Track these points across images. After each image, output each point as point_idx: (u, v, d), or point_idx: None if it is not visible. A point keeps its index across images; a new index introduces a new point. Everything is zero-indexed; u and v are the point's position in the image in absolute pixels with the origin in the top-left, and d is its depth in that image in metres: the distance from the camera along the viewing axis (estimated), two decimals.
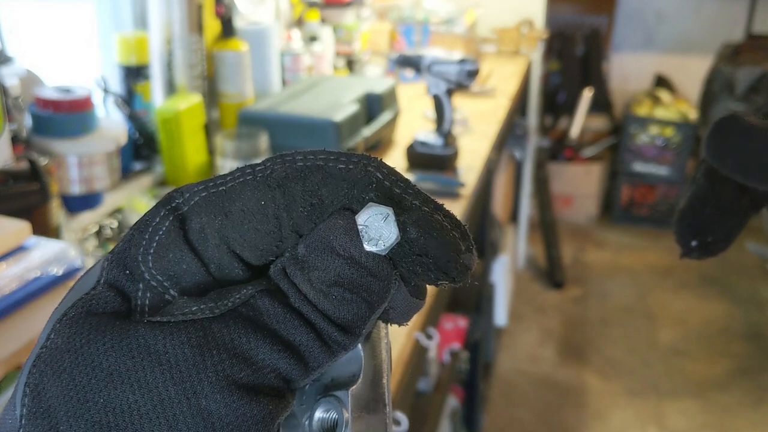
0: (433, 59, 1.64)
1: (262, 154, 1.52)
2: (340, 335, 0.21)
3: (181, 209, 0.22)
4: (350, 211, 0.22)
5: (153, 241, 0.21)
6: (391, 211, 0.21)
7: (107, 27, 1.55)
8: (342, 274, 0.21)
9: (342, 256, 0.21)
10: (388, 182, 0.23)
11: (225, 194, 0.22)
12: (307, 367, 0.21)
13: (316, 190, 0.22)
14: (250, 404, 0.20)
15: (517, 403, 2.62)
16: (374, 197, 0.22)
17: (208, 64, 1.67)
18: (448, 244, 0.21)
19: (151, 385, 0.19)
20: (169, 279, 0.21)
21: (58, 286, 0.84)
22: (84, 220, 1.28)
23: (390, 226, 0.21)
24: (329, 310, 0.21)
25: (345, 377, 0.23)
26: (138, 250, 0.21)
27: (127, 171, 1.44)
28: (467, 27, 2.74)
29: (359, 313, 0.21)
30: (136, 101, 1.49)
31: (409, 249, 0.21)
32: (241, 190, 0.22)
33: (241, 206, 0.21)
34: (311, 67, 2.08)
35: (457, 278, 0.22)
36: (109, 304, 0.21)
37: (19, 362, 0.80)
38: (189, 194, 0.22)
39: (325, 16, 2.31)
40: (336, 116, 1.55)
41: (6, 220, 0.87)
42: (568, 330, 3.08)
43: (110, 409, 0.19)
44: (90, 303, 0.21)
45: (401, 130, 1.91)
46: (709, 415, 2.56)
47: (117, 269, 0.21)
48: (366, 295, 0.21)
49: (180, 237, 0.21)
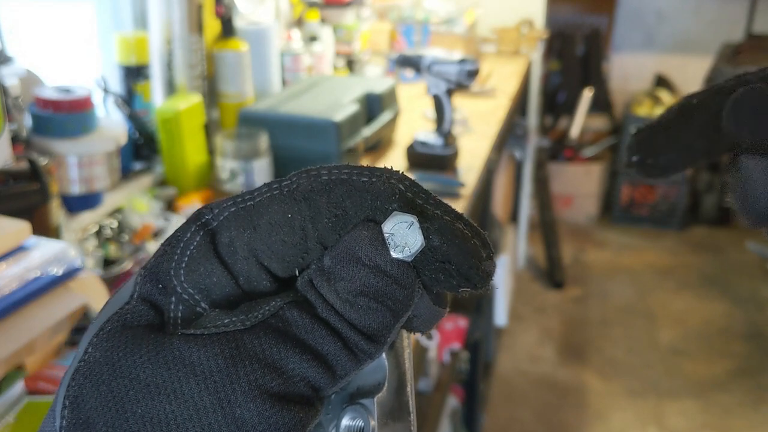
0: (433, 59, 1.64)
1: (262, 154, 1.52)
2: (367, 344, 0.22)
3: (211, 224, 0.22)
4: (374, 222, 0.22)
5: (185, 255, 0.22)
6: (416, 218, 0.22)
7: (107, 27, 1.55)
8: (368, 284, 0.22)
9: (368, 266, 0.22)
10: (410, 193, 0.23)
11: (253, 209, 0.22)
12: (334, 376, 0.22)
13: (340, 202, 0.22)
14: (282, 412, 0.20)
15: (517, 403, 2.62)
16: (397, 207, 0.22)
17: (208, 64, 1.67)
18: (469, 252, 0.22)
19: (187, 396, 0.20)
20: (200, 292, 0.22)
21: (58, 286, 0.84)
22: (84, 220, 1.28)
23: (415, 233, 0.22)
24: (356, 319, 0.22)
25: (370, 385, 0.24)
26: (170, 264, 0.22)
27: (127, 171, 1.44)
28: (467, 27, 2.74)
29: (384, 322, 0.22)
30: (136, 101, 1.49)
31: (432, 256, 0.22)
32: (268, 204, 0.22)
33: (269, 219, 0.22)
34: (311, 67, 2.08)
35: (479, 285, 0.22)
36: (143, 318, 0.22)
37: (19, 362, 0.80)
38: (218, 210, 0.23)
39: (325, 16, 2.31)
40: (336, 116, 1.55)
41: (6, 220, 0.87)
42: (568, 330, 3.08)
43: (147, 420, 0.20)
44: (125, 317, 0.22)
45: (401, 130, 1.91)
46: (709, 415, 2.56)
47: (150, 284, 0.22)
48: (391, 304, 0.22)
49: (210, 251, 0.22)
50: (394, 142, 1.88)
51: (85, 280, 0.87)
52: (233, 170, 1.51)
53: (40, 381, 0.87)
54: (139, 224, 1.28)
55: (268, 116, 1.58)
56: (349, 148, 1.57)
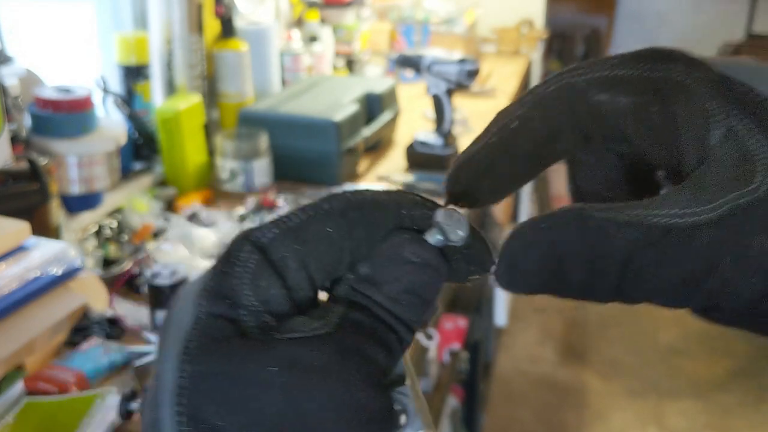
0: (433, 59, 1.64)
1: (262, 154, 1.52)
2: (408, 335, 0.25)
3: (261, 242, 0.24)
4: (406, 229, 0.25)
5: (246, 271, 0.24)
6: (457, 210, 0.25)
7: (107, 27, 1.55)
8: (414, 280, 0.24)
9: (416, 263, 0.24)
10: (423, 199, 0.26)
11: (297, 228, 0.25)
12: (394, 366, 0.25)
13: (371, 214, 0.25)
14: (385, 396, 0.23)
15: (517, 403, 2.62)
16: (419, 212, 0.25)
17: (208, 64, 1.67)
18: (484, 240, 0.26)
19: (315, 389, 0.22)
20: (263, 304, 0.24)
21: (58, 286, 0.84)
22: (84, 220, 1.28)
23: (463, 223, 0.25)
24: (402, 314, 0.24)
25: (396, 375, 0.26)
26: (234, 281, 0.24)
27: (127, 171, 1.44)
28: (467, 27, 2.74)
29: (421, 312, 0.25)
30: (136, 101, 1.49)
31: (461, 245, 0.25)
32: (309, 223, 0.25)
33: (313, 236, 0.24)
34: (311, 67, 2.08)
35: (489, 269, 0.26)
36: (225, 331, 0.23)
37: (18, 362, 0.80)
38: (265, 230, 0.24)
39: (325, 16, 2.31)
40: (336, 116, 1.55)
41: (6, 220, 0.87)
42: (568, 330, 3.08)
43: (285, 418, 0.21)
44: (208, 333, 0.23)
45: (401, 130, 1.91)
46: (710, 415, 2.56)
47: (218, 301, 0.23)
48: (428, 295, 0.25)
49: (268, 266, 0.24)
50: (394, 142, 1.88)
51: (85, 280, 0.87)
52: (233, 170, 1.51)
53: (39, 381, 0.87)
54: (139, 224, 1.28)
55: (268, 116, 1.58)
56: (348, 148, 1.57)
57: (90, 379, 0.89)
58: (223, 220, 1.30)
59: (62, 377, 0.87)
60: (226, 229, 1.26)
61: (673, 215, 0.22)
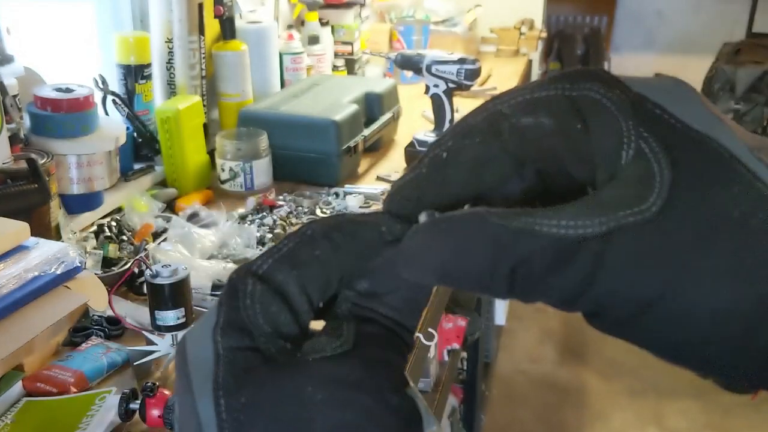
0: (433, 59, 1.64)
1: (262, 154, 1.52)
2: (411, 338, 0.27)
3: (260, 272, 0.25)
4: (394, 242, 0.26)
5: (255, 302, 0.25)
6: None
7: (107, 27, 1.55)
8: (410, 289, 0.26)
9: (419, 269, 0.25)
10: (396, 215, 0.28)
11: (289, 254, 0.26)
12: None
13: (352, 233, 0.26)
14: (409, 398, 0.25)
15: (517, 403, 2.62)
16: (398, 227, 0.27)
17: (208, 64, 1.67)
18: None
19: (353, 401, 0.23)
20: (276, 330, 0.25)
21: (58, 286, 0.84)
22: (84, 220, 1.28)
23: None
24: (404, 321, 0.27)
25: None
26: (246, 311, 0.25)
27: (127, 171, 1.44)
28: (467, 27, 2.74)
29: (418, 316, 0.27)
30: (136, 101, 1.49)
31: None
32: (299, 248, 0.26)
33: (304, 258, 0.26)
34: (311, 67, 2.08)
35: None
36: (251, 361, 0.24)
37: (18, 362, 0.80)
38: (261, 261, 0.26)
39: (325, 16, 2.31)
40: (336, 116, 1.55)
41: (6, 220, 0.87)
42: (568, 330, 3.08)
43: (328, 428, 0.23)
44: (235, 365, 0.24)
45: (401, 130, 1.91)
46: (710, 415, 2.56)
47: (235, 333, 0.24)
48: (423, 300, 0.27)
49: (272, 293, 0.25)
50: (394, 142, 1.88)
51: (85, 280, 0.87)
52: (233, 170, 1.51)
53: (38, 382, 0.87)
54: (139, 224, 1.28)
55: (268, 116, 1.58)
56: (348, 147, 1.57)
57: (90, 379, 0.89)
58: (223, 220, 1.30)
59: (62, 377, 0.87)
60: (226, 229, 1.26)
61: (562, 226, 0.23)
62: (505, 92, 0.26)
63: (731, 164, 0.23)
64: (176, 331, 0.93)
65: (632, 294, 0.23)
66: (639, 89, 0.24)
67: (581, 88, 0.25)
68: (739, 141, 0.24)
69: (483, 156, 0.26)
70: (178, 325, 0.92)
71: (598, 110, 0.24)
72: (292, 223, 1.38)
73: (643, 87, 0.25)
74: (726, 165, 0.23)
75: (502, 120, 0.26)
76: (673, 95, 0.25)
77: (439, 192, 0.27)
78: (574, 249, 0.23)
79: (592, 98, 0.24)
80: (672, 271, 0.23)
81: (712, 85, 3.80)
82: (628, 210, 0.23)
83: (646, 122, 0.24)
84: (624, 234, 0.22)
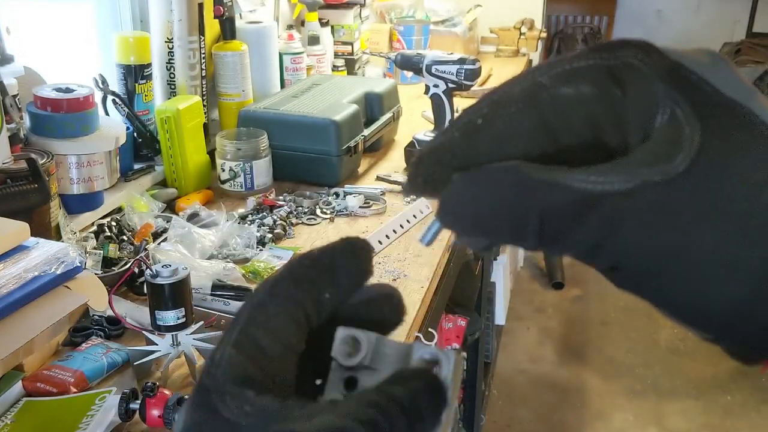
0: (433, 59, 1.64)
1: (262, 154, 1.52)
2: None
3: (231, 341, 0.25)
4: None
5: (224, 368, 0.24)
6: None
7: (107, 27, 1.55)
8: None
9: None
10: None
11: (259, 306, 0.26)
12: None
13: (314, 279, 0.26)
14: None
15: (517, 403, 2.62)
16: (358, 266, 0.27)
17: (208, 64, 1.67)
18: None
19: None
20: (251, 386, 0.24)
21: (58, 286, 0.84)
22: (84, 220, 1.28)
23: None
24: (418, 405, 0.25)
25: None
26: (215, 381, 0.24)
27: (127, 171, 1.44)
28: (467, 27, 2.74)
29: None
30: (136, 101, 1.49)
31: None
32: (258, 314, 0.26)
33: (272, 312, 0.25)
34: (311, 67, 2.08)
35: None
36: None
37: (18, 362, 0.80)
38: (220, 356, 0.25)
39: (325, 16, 2.31)
40: (336, 116, 1.55)
41: (6, 220, 0.87)
42: (567, 330, 3.08)
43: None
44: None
45: (401, 130, 1.91)
46: (710, 415, 2.56)
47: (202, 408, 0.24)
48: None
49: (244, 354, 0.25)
50: (394, 142, 1.88)
51: (85, 280, 0.87)
52: (233, 170, 1.51)
53: (38, 382, 0.87)
54: (139, 224, 1.28)
55: (268, 116, 1.58)
56: (348, 147, 1.57)
57: (90, 379, 0.89)
58: (223, 220, 1.30)
59: (62, 377, 0.87)
60: (226, 229, 1.26)
61: (590, 182, 0.24)
62: (543, 63, 0.27)
63: (759, 130, 0.24)
64: (176, 331, 0.93)
65: (650, 249, 0.24)
66: (675, 57, 0.25)
67: (619, 56, 0.25)
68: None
69: (518, 126, 0.26)
70: (178, 325, 0.92)
71: (636, 75, 0.25)
72: (292, 223, 1.38)
73: (680, 56, 0.25)
74: (755, 131, 0.24)
75: (541, 90, 0.26)
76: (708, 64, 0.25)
77: (470, 158, 0.27)
78: (597, 202, 0.23)
79: (630, 63, 0.25)
80: (690, 228, 0.23)
81: None
82: (655, 168, 0.23)
83: (680, 87, 0.24)
84: (648, 190, 0.23)
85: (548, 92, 0.26)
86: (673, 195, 0.23)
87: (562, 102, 0.26)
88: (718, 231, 0.23)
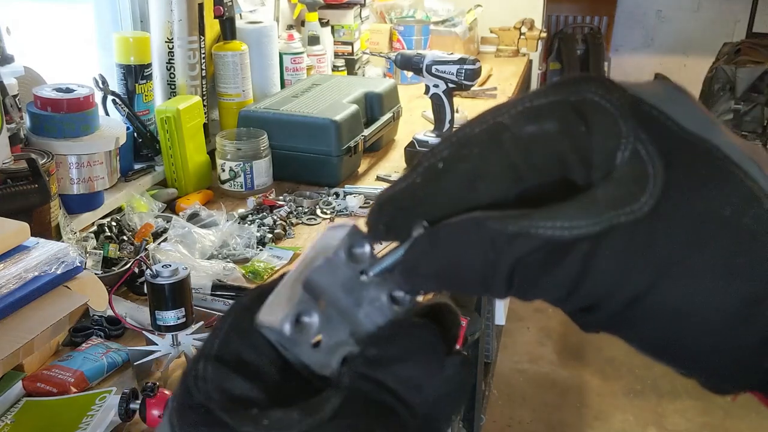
0: (433, 59, 1.64)
1: (262, 154, 1.52)
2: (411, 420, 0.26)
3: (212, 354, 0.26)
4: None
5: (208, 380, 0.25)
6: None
7: (107, 27, 1.55)
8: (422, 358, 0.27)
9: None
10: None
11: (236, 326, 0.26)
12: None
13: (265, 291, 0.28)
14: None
15: (516, 403, 2.62)
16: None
17: (208, 64, 1.67)
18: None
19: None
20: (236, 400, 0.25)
21: (58, 286, 0.84)
22: (84, 220, 1.28)
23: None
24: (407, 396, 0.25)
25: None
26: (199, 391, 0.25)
27: (127, 171, 1.44)
28: (467, 27, 2.74)
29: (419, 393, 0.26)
30: (136, 101, 1.49)
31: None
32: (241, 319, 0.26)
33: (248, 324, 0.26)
34: (311, 67, 2.08)
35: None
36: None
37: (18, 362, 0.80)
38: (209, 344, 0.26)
39: (325, 16, 2.31)
40: (336, 116, 1.55)
41: (6, 220, 0.87)
42: (567, 330, 3.08)
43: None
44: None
45: (401, 130, 1.91)
46: (709, 416, 2.56)
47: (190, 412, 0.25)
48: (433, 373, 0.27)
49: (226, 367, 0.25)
50: (394, 142, 1.88)
51: (85, 280, 0.87)
52: (233, 170, 1.51)
53: (38, 381, 0.87)
54: (139, 224, 1.28)
55: (268, 116, 1.58)
56: (348, 147, 1.57)
57: (90, 379, 0.89)
58: (223, 220, 1.30)
59: (62, 377, 0.87)
60: (226, 229, 1.26)
61: (557, 227, 0.23)
62: (503, 104, 0.26)
63: (723, 164, 0.24)
64: (176, 331, 0.93)
65: (621, 289, 0.24)
66: (635, 92, 0.25)
67: (581, 91, 0.25)
68: (731, 142, 0.24)
69: (480, 168, 0.25)
70: (178, 325, 0.92)
71: (598, 111, 0.24)
72: (292, 223, 1.38)
73: (639, 90, 0.25)
74: (718, 165, 0.24)
75: (503, 130, 0.25)
76: (668, 98, 0.25)
77: (433, 203, 0.26)
78: (567, 249, 0.23)
79: (592, 100, 0.24)
80: (660, 268, 0.23)
81: (712, 85, 3.80)
82: (621, 209, 0.23)
83: (643, 123, 0.24)
84: (616, 232, 0.23)
85: (511, 131, 0.25)
86: (641, 235, 0.23)
87: (525, 141, 0.25)
88: (689, 269, 0.23)
